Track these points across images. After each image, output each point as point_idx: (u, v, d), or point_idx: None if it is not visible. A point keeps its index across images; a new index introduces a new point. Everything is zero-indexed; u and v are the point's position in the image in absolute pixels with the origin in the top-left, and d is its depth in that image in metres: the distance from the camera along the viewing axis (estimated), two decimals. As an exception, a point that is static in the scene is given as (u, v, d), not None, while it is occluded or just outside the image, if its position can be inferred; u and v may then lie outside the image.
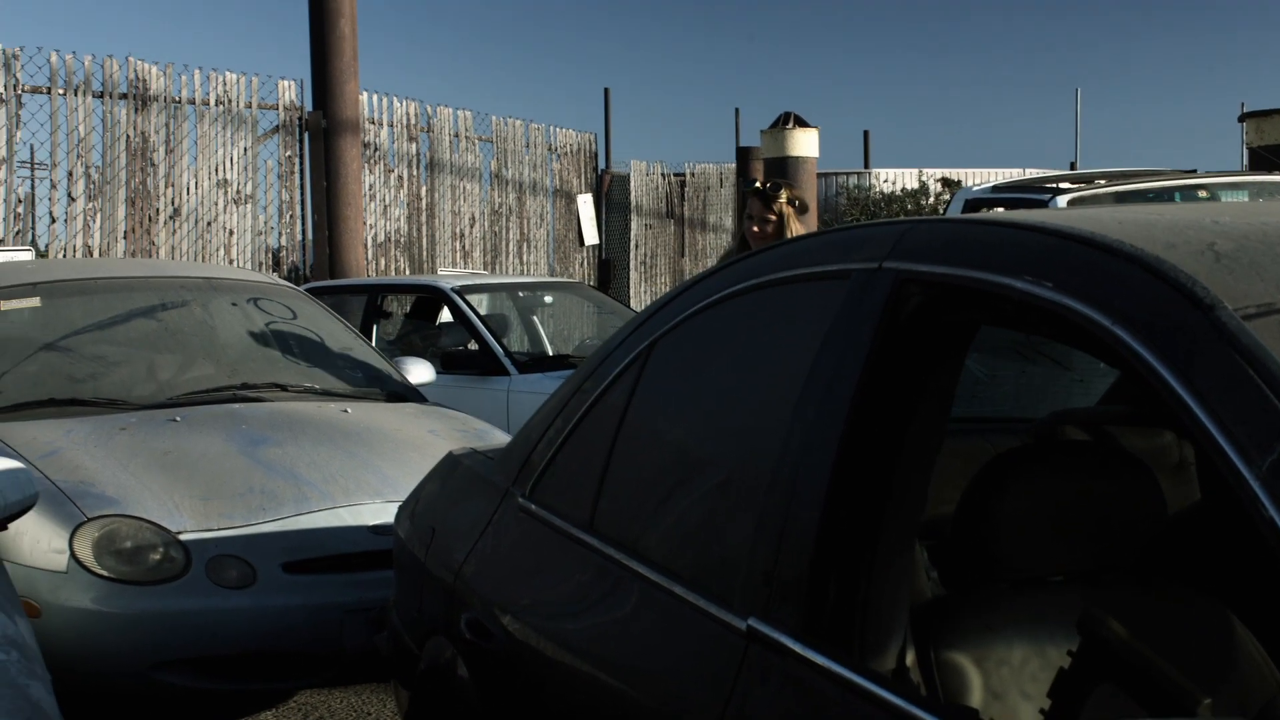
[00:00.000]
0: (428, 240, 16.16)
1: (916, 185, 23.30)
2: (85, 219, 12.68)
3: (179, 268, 9.08)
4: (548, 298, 11.37)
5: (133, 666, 4.88)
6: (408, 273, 15.53)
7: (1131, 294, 1.91)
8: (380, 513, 5.27)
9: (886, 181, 23.55)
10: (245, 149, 13.98)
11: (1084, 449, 3.06)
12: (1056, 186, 9.03)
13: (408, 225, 15.88)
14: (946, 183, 23.24)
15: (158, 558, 4.94)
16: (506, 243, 17.48)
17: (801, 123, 12.88)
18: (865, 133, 26.84)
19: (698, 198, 21.22)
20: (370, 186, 15.22)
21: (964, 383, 2.62)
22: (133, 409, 6.01)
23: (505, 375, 9.07)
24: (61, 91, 12.58)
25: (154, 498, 5.12)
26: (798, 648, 2.15)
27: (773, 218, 6.50)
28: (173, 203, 13.30)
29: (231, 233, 13.76)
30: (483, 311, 9.78)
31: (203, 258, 13.34)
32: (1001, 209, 9.35)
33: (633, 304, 18.05)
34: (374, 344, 8.11)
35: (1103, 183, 9.05)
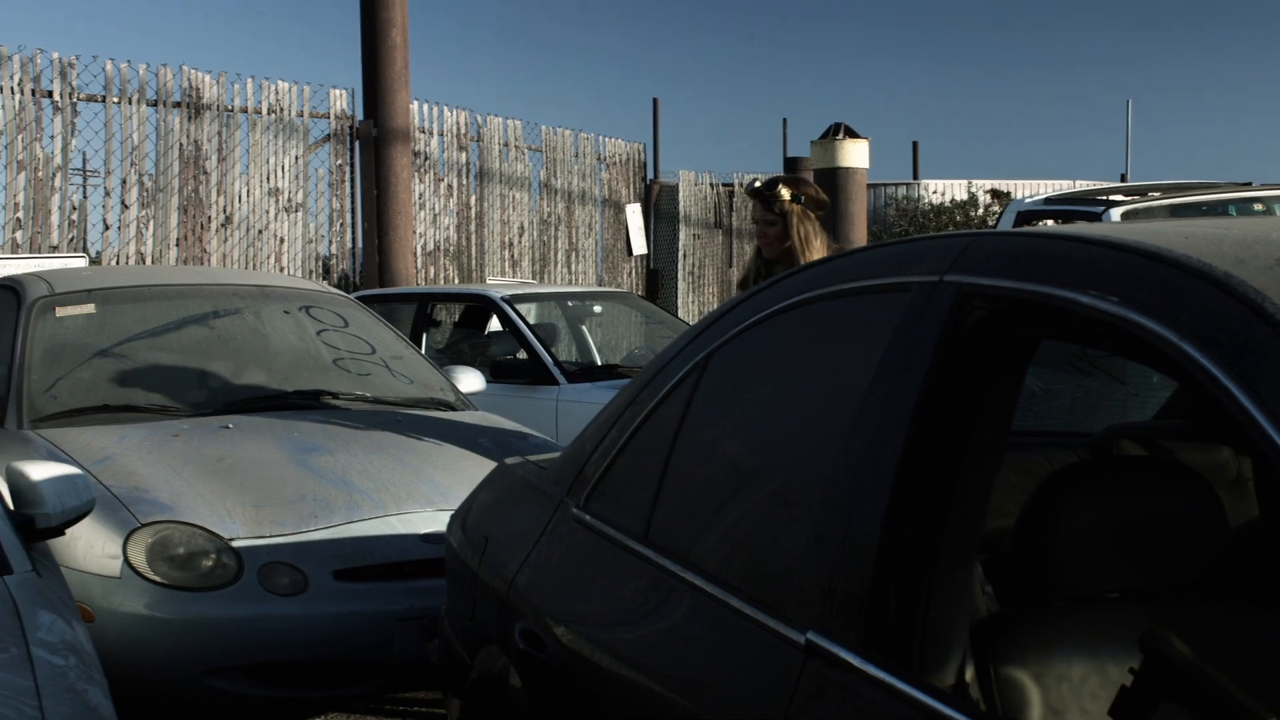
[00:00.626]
0: (477, 249, 16.20)
1: (965, 196, 23.20)
2: (138, 226, 12.77)
3: (232, 275, 9.14)
4: (597, 307, 11.37)
5: (184, 672, 4.90)
6: (456, 281, 15.57)
7: (1200, 309, 1.89)
8: (431, 521, 5.28)
9: (935, 193, 23.46)
10: (296, 157, 14.05)
11: (1144, 464, 3.03)
12: (1110, 199, 8.97)
13: (457, 234, 15.93)
14: (996, 194, 23.13)
15: (210, 564, 4.96)
16: (555, 252, 17.50)
17: (852, 133, 12.82)
18: (914, 144, 26.77)
19: (746, 208, 21.19)
20: (420, 195, 15.27)
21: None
22: (186, 416, 6.05)
23: (554, 385, 9.07)
24: (116, 100, 12.68)
25: (207, 504, 5.15)
26: (858, 662, 2.13)
27: (775, 219, 5.93)
28: (224, 210, 13.38)
29: (282, 241, 13.83)
30: (531, 321, 9.78)
31: (254, 265, 13.41)
32: (1052, 221, 9.30)
33: (680, 314, 18.05)
34: (423, 352, 8.13)
35: (1157, 195, 8.99)
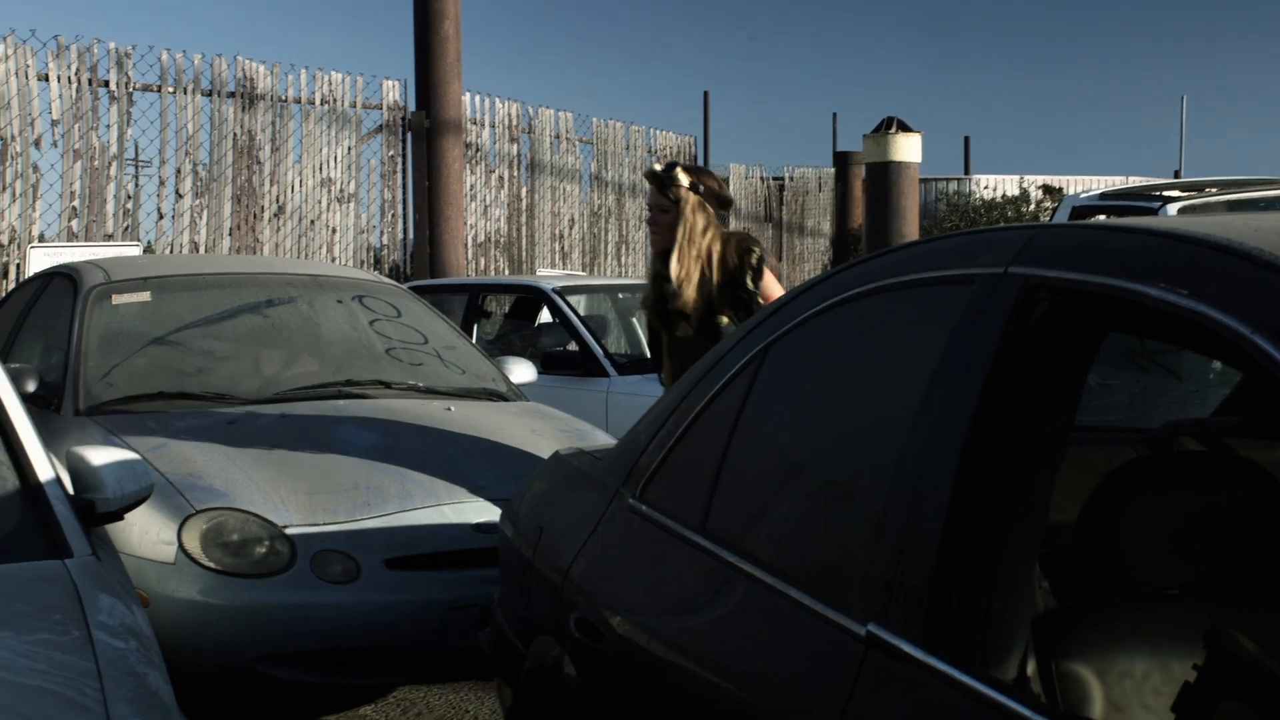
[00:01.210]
0: (527, 241, 16.23)
1: (1017, 192, 23.09)
2: (192, 216, 12.85)
3: (285, 264, 9.18)
4: (648, 300, 11.35)
5: (237, 658, 4.93)
6: (506, 273, 15.60)
7: (1273, 301, 1.87)
8: (484, 511, 5.29)
9: (987, 188, 23.35)
10: (349, 148, 14.10)
11: (1206, 460, 3.01)
12: (1166, 194, 8.90)
13: (508, 225, 15.95)
14: (1048, 190, 23.01)
15: (264, 551, 4.99)
16: (605, 244, 17.51)
17: (905, 127, 12.76)
18: (966, 139, 26.67)
19: (796, 202, 21.17)
20: (471, 186, 15.30)
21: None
22: (240, 403, 6.08)
23: (605, 376, 9.07)
24: (171, 90, 12.76)
25: (260, 492, 5.17)
26: (920, 654, 2.12)
27: (669, 205, 5.42)
28: (277, 200, 13.44)
29: (334, 231, 13.89)
30: (581, 312, 9.79)
31: (306, 255, 13.47)
32: (1105, 217, 9.22)
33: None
34: (474, 343, 8.14)
35: (1214, 191, 8.90)
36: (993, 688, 2.01)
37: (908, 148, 12.74)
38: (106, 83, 12.30)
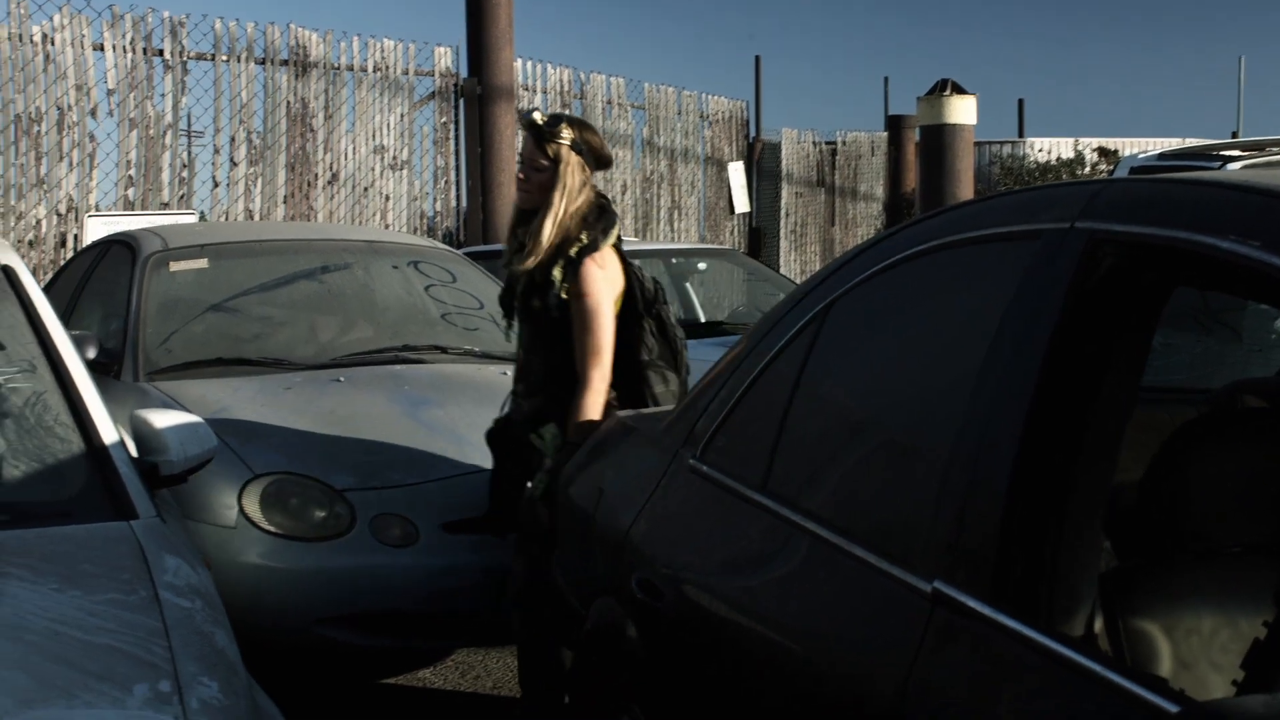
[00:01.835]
0: (579, 207, 16.19)
1: (1072, 155, 22.89)
2: (246, 184, 12.89)
3: (341, 231, 9.21)
4: (701, 264, 11.34)
5: (297, 621, 4.96)
6: (559, 239, 15.57)
7: (1347, 253, 1.85)
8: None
9: (1041, 151, 23.16)
10: (401, 115, 14.11)
11: (1271, 418, 2.98)
12: (1226, 154, 8.79)
13: (560, 192, 15.92)
14: (1103, 152, 22.81)
15: (323, 514, 5.01)
16: (657, 210, 17.48)
17: (959, 90, 12.69)
18: (1020, 101, 26.45)
19: (849, 166, 21.06)
20: (523, 153, 15.28)
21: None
22: (297, 369, 6.10)
23: (659, 341, 9.06)
24: (225, 58, 12.79)
25: (319, 456, 5.19)
26: (987, 610, 2.12)
27: (544, 163, 4.67)
28: (331, 168, 13.47)
29: (388, 198, 13.92)
30: (635, 277, 9.77)
31: (359, 222, 13.50)
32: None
33: (782, 273, 17.98)
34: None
35: (1275, 150, 8.79)
36: (1061, 643, 2.00)
37: (962, 110, 12.67)
38: (161, 51, 12.34)
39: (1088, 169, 22.27)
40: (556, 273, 4.59)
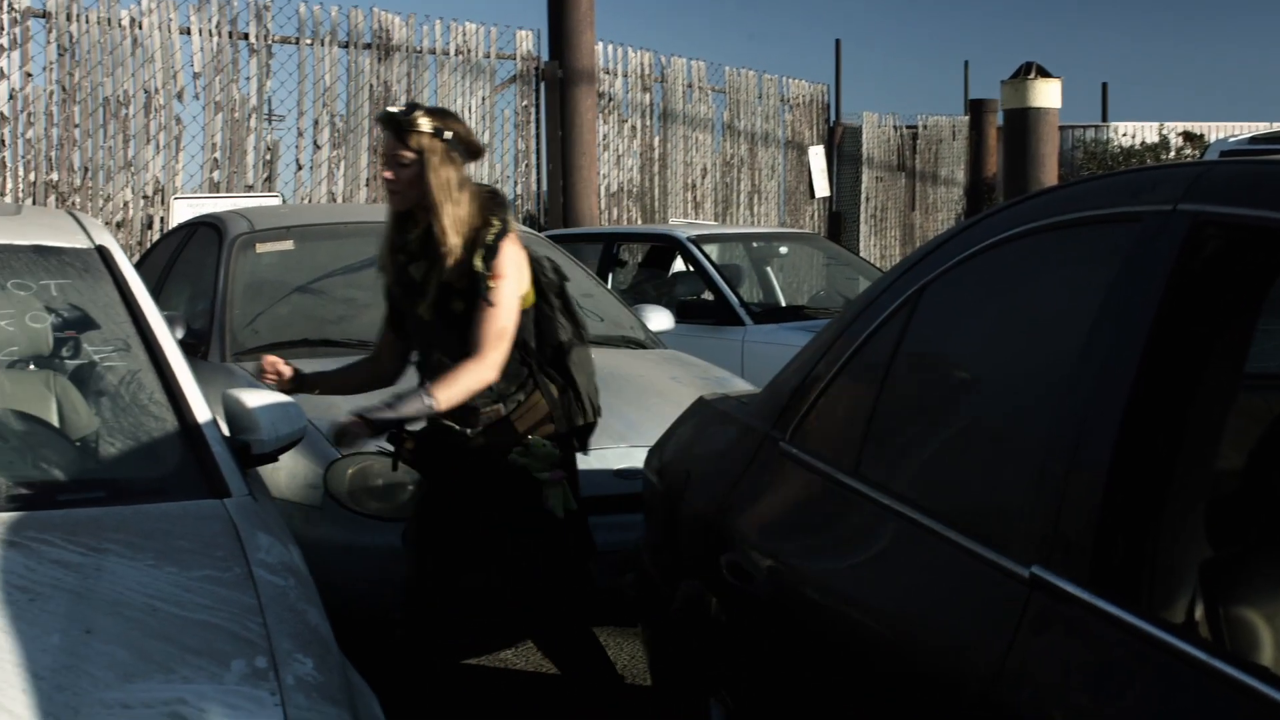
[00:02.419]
0: (659, 191, 16.21)
1: (1156, 139, 22.61)
2: (329, 167, 12.98)
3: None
4: (783, 248, 11.32)
5: (382, 601, 4.98)
6: (639, 223, 15.60)
7: None
8: (625, 457, 5.29)
9: (1125, 135, 22.89)
10: (483, 98, 14.16)
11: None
12: (1318, 138, 8.65)
13: (640, 175, 15.94)
14: (1188, 136, 22.52)
15: (409, 495, 5.03)
16: (737, 194, 17.44)
17: (1044, 73, 12.57)
18: (1104, 85, 26.19)
19: (929, 150, 20.91)
20: (604, 136, 15.30)
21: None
22: (381, 350, 6.11)
23: (740, 325, 9.07)
24: (309, 42, 12.88)
25: (405, 436, 5.21)
26: (1086, 596, 2.10)
27: (409, 157, 4.29)
28: (413, 151, 13.52)
29: (469, 181, 13.96)
30: (715, 261, 9.78)
31: (441, 205, 13.54)
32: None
33: (862, 257, 17.91)
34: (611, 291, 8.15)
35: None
36: (1165, 630, 1.98)
37: (1047, 93, 12.55)
38: (246, 35, 12.44)
39: (1172, 154, 22.00)
40: (479, 264, 4.26)
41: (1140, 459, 2.16)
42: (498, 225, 4.30)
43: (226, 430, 3.51)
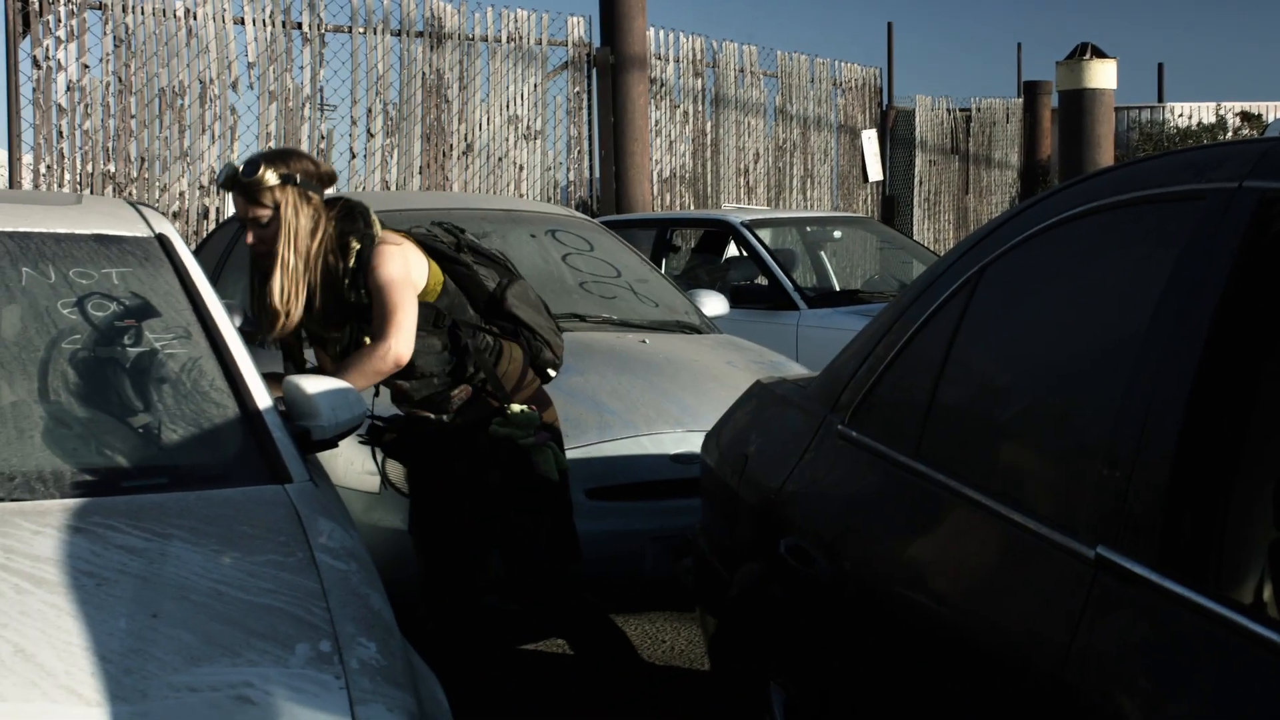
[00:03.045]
0: (712, 176, 16.18)
1: (1213, 119, 22.41)
2: (383, 155, 13.03)
3: (479, 200, 9.26)
4: (837, 232, 11.29)
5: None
6: (692, 208, 15.58)
7: None
8: (681, 441, 5.30)
9: (1181, 115, 22.70)
10: (535, 85, 14.17)
11: None
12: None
13: (692, 161, 15.92)
14: (1246, 116, 22.31)
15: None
16: (790, 179, 17.39)
17: (1099, 53, 12.50)
18: (1159, 65, 25.96)
19: (983, 133, 20.78)
20: (656, 122, 15.29)
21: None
22: (437, 337, 6.13)
23: (794, 310, 9.06)
24: (361, 30, 12.92)
25: (462, 423, 5.22)
26: (1154, 577, 2.08)
27: (266, 214, 4.18)
28: (465, 139, 13.57)
29: (521, 168, 13.99)
30: (769, 246, 9.77)
31: (494, 193, 13.59)
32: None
33: (916, 241, 17.82)
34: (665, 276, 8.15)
35: None
36: (1230, 610, 1.96)
37: (1102, 74, 12.47)
38: (299, 24, 12.50)
39: (1229, 134, 21.79)
40: (354, 297, 4.23)
41: (1208, 438, 2.14)
42: (357, 246, 4.21)
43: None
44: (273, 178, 4.20)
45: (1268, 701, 1.86)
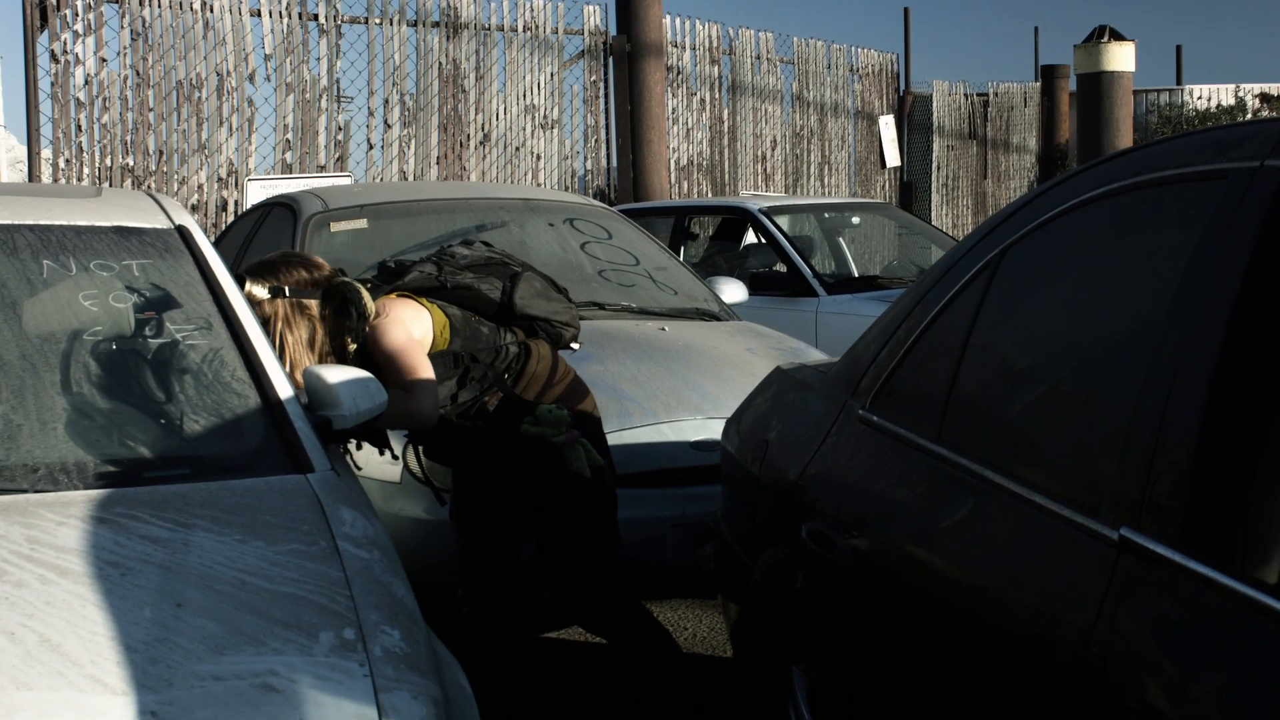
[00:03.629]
0: (729, 164, 16.17)
1: (1232, 102, 22.32)
2: (400, 145, 13.04)
3: (497, 189, 9.27)
4: (855, 218, 11.27)
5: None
6: (709, 196, 15.57)
7: None
8: (701, 429, 5.29)
9: (1200, 98, 22.61)
10: (551, 74, 14.17)
11: None
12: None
13: (710, 148, 15.91)
14: (1265, 98, 22.22)
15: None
16: (807, 165, 17.37)
17: (1117, 36, 12.44)
18: (1178, 48, 25.87)
19: (1001, 118, 20.73)
20: (673, 110, 15.28)
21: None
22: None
23: (813, 296, 9.05)
24: (378, 21, 12.94)
25: (482, 411, 5.23)
26: (1179, 558, 2.07)
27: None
28: (482, 128, 13.58)
29: (539, 157, 13.99)
30: (787, 233, 9.76)
31: (511, 182, 13.60)
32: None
33: (935, 226, 17.79)
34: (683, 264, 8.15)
35: None
36: (1255, 589, 1.96)
37: (1120, 57, 12.42)
38: (316, 16, 12.52)
39: (1249, 115, 21.70)
40: (350, 344, 4.18)
41: (1230, 418, 2.13)
42: (354, 344, 4.18)
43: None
44: (260, 292, 4.14)
45: (1293, 681, 1.86)
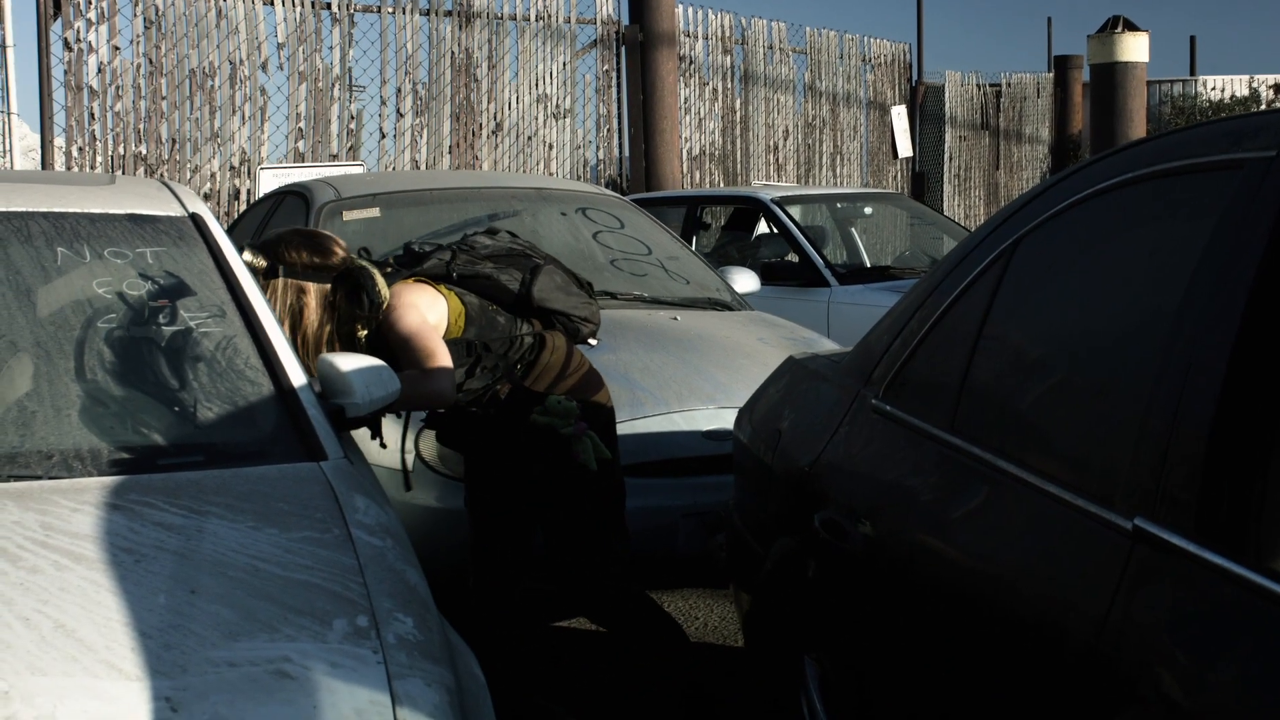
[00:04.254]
0: (741, 153, 16.16)
1: (1246, 92, 22.27)
2: (413, 135, 13.05)
3: (509, 178, 9.26)
4: (868, 208, 11.26)
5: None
6: (721, 186, 15.56)
7: None
8: (713, 418, 5.29)
9: (1214, 89, 22.56)
10: (564, 64, 14.16)
11: None
12: None
13: (722, 138, 15.90)
14: (1279, 89, 22.16)
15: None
16: (819, 156, 17.35)
17: (1131, 26, 12.41)
18: (1192, 38, 25.83)
19: (1013, 108, 20.70)
20: (685, 100, 15.27)
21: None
22: (470, 315, 6.15)
23: (825, 286, 9.05)
24: (390, 10, 12.94)
25: (496, 400, 5.23)
26: (1192, 547, 2.07)
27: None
28: (495, 118, 13.57)
29: (551, 147, 13.99)
30: (799, 223, 9.76)
31: (523, 171, 13.60)
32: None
33: (947, 216, 17.76)
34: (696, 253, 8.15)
35: None
36: (1270, 579, 1.96)
37: (1134, 47, 12.40)
38: (329, 5, 12.52)
39: (1263, 106, 21.64)
40: (361, 329, 4.14)
41: (1245, 408, 2.13)
42: (365, 331, 4.15)
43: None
44: (262, 264, 4.08)
45: (1308, 671, 1.86)
